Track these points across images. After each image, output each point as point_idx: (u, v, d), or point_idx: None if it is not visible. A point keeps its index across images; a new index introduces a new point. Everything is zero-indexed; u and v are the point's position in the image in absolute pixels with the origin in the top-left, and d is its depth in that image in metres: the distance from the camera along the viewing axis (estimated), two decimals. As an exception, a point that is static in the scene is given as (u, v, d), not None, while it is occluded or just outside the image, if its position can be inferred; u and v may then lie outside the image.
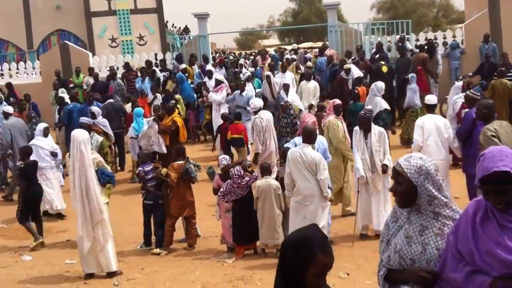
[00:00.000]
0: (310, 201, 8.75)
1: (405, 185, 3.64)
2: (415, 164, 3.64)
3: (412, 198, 3.66)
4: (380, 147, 9.71)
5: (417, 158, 3.68)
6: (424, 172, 3.61)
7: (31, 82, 23.31)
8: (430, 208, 3.65)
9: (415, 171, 3.62)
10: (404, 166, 3.66)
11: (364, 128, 9.76)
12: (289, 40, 64.44)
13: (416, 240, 3.67)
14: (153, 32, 28.09)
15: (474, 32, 21.58)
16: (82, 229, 8.67)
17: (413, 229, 3.70)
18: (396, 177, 3.71)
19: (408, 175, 3.62)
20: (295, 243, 3.05)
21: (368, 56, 21.59)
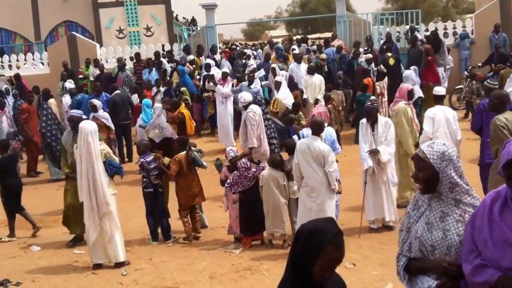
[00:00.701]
0: (317, 193, 8.71)
1: (427, 171, 3.63)
2: (438, 150, 3.63)
3: (434, 185, 3.64)
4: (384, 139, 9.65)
5: (440, 144, 3.68)
6: (446, 158, 3.60)
7: (39, 73, 23.35)
8: (451, 195, 3.64)
9: (438, 157, 3.61)
10: (427, 152, 3.65)
11: (371, 120, 9.71)
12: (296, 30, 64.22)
13: (437, 226, 3.66)
14: (160, 23, 28.06)
15: (484, 22, 21.45)
16: (88, 220, 8.70)
17: (434, 215, 3.69)
18: (418, 163, 3.70)
19: (431, 161, 3.61)
20: (309, 231, 3.05)
21: (377, 46, 21.47)
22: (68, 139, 10.34)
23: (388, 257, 8.60)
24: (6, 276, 8.76)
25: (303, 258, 3.03)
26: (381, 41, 22.07)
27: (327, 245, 2.97)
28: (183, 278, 8.44)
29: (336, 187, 8.81)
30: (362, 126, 9.86)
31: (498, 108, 8.21)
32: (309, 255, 3.01)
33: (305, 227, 3.12)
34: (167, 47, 24.32)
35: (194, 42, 24.24)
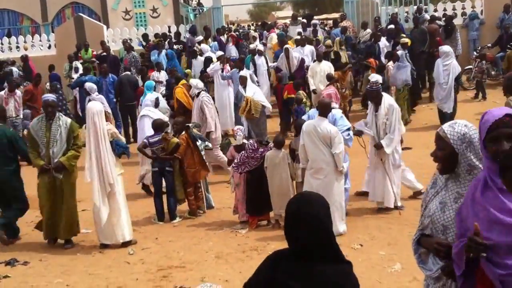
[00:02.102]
0: (324, 174, 8.71)
1: (446, 151, 3.58)
2: (459, 130, 3.56)
3: (452, 165, 3.60)
4: (387, 121, 9.59)
5: (462, 125, 3.59)
6: (467, 140, 3.53)
7: (46, 55, 23.27)
8: (468, 177, 3.57)
9: (458, 138, 3.54)
10: (447, 131, 3.58)
11: (374, 101, 9.66)
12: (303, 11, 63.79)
13: (450, 206, 3.61)
14: (166, 4, 27.91)
15: (494, 2, 21.16)
16: (99, 200, 8.71)
17: (448, 196, 3.64)
18: (438, 142, 3.64)
19: (451, 141, 3.55)
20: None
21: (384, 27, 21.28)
22: (39, 127, 9.05)
23: (396, 237, 8.59)
24: (13, 256, 8.81)
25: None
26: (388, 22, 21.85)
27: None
28: (189, 258, 8.47)
29: (344, 168, 8.79)
30: (370, 106, 9.94)
31: (508, 90, 8.22)
32: None
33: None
34: (173, 28, 24.20)
35: (200, 23, 24.09)
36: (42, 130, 9.00)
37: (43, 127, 9.02)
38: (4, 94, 16.15)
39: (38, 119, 9.30)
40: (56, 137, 8.96)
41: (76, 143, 9.10)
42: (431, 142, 3.88)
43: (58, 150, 8.94)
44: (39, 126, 9.05)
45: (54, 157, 8.92)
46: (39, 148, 9.05)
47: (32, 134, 9.14)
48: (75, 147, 9.06)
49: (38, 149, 9.08)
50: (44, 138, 8.98)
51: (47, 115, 9.01)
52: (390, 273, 7.48)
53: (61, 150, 8.96)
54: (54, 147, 8.94)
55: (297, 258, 2.99)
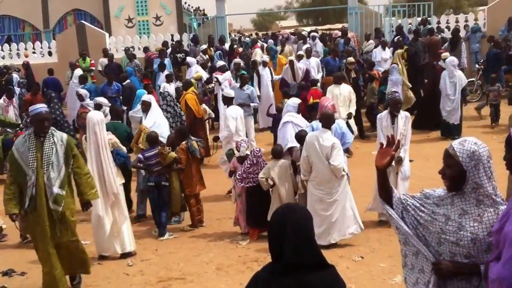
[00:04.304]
0: (327, 185, 8.67)
1: (454, 168, 3.57)
2: (468, 148, 3.55)
3: (460, 183, 3.58)
4: (404, 131, 9.52)
5: (471, 142, 3.58)
6: (476, 157, 3.52)
7: (47, 62, 23.24)
8: (473, 195, 3.58)
9: (467, 156, 3.53)
10: (457, 149, 3.57)
11: (395, 110, 9.51)
12: (307, 21, 64.06)
13: (454, 220, 3.62)
14: (169, 13, 27.93)
15: (497, 15, 21.20)
16: (102, 211, 8.59)
17: (454, 211, 3.65)
18: (447, 160, 3.63)
19: (460, 158, 3.54)
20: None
21: (388, 38, 21.30)
22: (26, 147, 7.18)
23: (397, 249, 8.35)
24: (11, 266, 8.74)
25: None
26: (392, 33, 21.87)
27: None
28: (190, 269, 8.40)
29: (344, 173, 8.73)
30: (382, 119, 9.67)
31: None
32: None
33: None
34: (176, 37, 24.18)
35: (203, 32, 24.08)
36: (31, 150, 7.14)
37: (32, 147, 7.16)
38: (4, 102, 16.11)
39: (23, 137, 7.35)
40: (50, 159, 7.17)
41: (78, 165, 7.49)
42: (432, 154, 3.86)
43: (55, 175, 7.17)
44: (27, 146, 7.18)
45: (51, 185, 7.15)
46: (25, 176, 7.15)
47: (16, 157, 7.21)
48: (79, 170, 7.49)
49: (22, 178, 7.19)
50: (34, 162, 7.10)
51: (41, 131, 7.21)
52: (390, 285, 7.46)
53: (59, 175, 7.21)
54: (50, 171, 7.14)
55: (283, 271, 3.04)
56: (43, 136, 7.19)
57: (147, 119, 11.54)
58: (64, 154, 7.28)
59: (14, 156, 7.22)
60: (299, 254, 3.00)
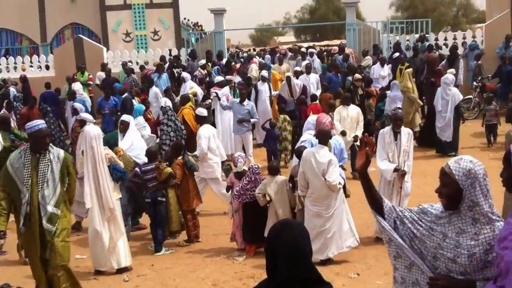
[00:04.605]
0: (324, 201, 8.64)
1: (451, 187, 3.57)
2: (464, 166, 3.55)
3: (457, 202, 3.58)
4: (407, 148, 9.52)
5: (467, 160, 3.59)
6: (472, 176, 3.53)
7: (44, 76, 23.23)
8: (469, 214, 3.58)
9: (463, 174, 3.54)
10: (453, 167, 3.58)
11: (398, 127, 9.48)
12: (305, 37, 64.28)
13: (452, 238, 3.62)
14: (167, 27, 27.97)
15: (495, 32, 21.25)
16: (99, 225, 8.54)
17: (451, 229, 3.64)
18: (443, 178, 3.63)
19: (456, 177, 3.55)
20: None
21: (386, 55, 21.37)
22: (22, 164, 7.03)
23: (393, 267, 8.46)
24: (6, 281, 8.65)
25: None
26: (390, 50, 21.94)
27: None
28: (186, 285, 8.36)
29: (340, 187, 8.69)
30: (384, 135, 9.61)
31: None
32: None
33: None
34: (174, 51, 24.21)
35: (201, 47, 24.11)
36: (26, 167, 6.99)
37: (27, 164, 7.00)
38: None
39: (19, 152, 7.17)
40: (46, 176, 7.01)
41: (70, 182, 7.30)
42: (429, 171, 3.86)
43: (50, 193, 7.01)
44: (22, 162, 7.02)
45: (45, 204, 6.99)
46: (19, 193, 7.00)
47: (10, 172, 7.07)
48: (70, 188, 7.33)
49: (16, 195, 7.05)
50: (29, 179, 6.95)
51: (41, 148, 7.05)
52: (387, 303, 7.39)
53: (54, 194, 7.05)
54: (45, 189, 6.97)
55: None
56: (40, 153, 7.03)
57: (124, 140, 10.84)
58: (60, 171, 7.11)
59: (8, 172, 7.06)
60: (294, 271, 2.97)
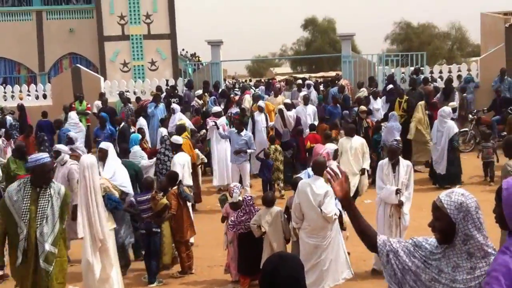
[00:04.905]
0: (319, 233, 8.56)
1: (443, 221, 3.55)
2: (456, 200, 3.54)
3: (450, 235, 3.56)
4: (406, 180, 9.48)
5: (458, 194, 3.58)
6: (464, 209, 3.51)
7: (42, 105, 23.26)
8: (464, 248, 3.54)
9: (455, 208, 3.52)
10: (444, 201, 3.56)
11: (395, 160, 9.50)
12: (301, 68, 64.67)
13: (448, 273, 3.59)
14: (165, 58, 28.14)
15: (490, 66, 21.39)
16: (91, 256, 8.45)
17: (446, 264, 3.61)
18: (435, 212, 3.61)
19: (448, 211, 3.53)
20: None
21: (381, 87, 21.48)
22: (20, 197, 6.70)
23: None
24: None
25: None
26: (385, 82, 22.02)
27: None
28: (179, 318, 8.23)
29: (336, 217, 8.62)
30: (382, 167, 9.64)
31: (507, 154, 8.24)
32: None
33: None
34: (171, 82, 24.28)
35: (198, 77, 24.19)
36: (25, 201, 6.65)
37: (27, 198, 6.66)
38: (2, 143, 16.09)
39: (18, 184, 6.81)
40: (46, 212, 6.70)
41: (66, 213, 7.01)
42: (425, 203, 3.83)
43: (49, 231, 6.70)
44: (21, 195, 6.68)
45: (43, 241, 6.68)
46: (16, 227, 6.68)
47: (8, 205, 6.72)
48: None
49: (13, 229, 6.73)
50: (27, 214, 6.62)
51: (44, 183, 6.76)
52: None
53: (53, 231, 6.75)
54: (43, 225, 6.66)
55: None
56: (41, 187, 6.73)
57: (106, 169, 10.11)
58: (60, 208, 6.83)
59: (6, 204, 6.72)
60: None
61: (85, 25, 29.53)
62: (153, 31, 28.64)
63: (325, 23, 62.01)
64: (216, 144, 15.95)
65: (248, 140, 14.76)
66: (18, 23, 29.90)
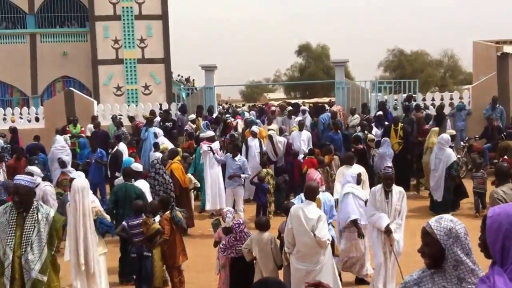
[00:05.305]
0: (311, 259, 8.49)
1: (433, 246, 3.59)
2: (445, 226, 3.59)
3: (439, 261, 3.59)
4: (399, 207, 9.44)
5: (448, 220, 3.63)
6: (453, 235, 3.55)
7: (34, 128, 23.18)
8: (455, 273, 3.57)
9: (445, 233, 3.56)
10: (434, 227, 3.61)
11: (388, 186, 9.45)
12: (295, 94, 64.87)
13: None
14: (159, 82, 28.21)
15: (482, 94, 21.50)
16: (74, 280, 8.38)
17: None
18: (424, 238, 3.66)
19: (437, 236, 3.57)
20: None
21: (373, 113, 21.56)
22: (6, 221, 6.35)
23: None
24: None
25: None
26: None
27: None
28: None
29: (329, 243, 8.58)
30: (375, 194, 9.56)
31: (500, 180, 8.23)
32: None
33: None
34: (165, 106, 24.29)
35: (192, 102, 24.21)
36: (11, 225, 6.29)
37: (12, 222, 6.31)
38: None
39: (4, 208, 6.43)
40: (30, 239, 6.28)
41: (56, 235, 6.55)
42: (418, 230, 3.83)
43: (35, 258, 6.27)
44: (6, 219, 6.32)
45: (29, 269, 6.26)
46: (4, 253, 6.28)
47: None
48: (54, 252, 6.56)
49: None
50: (12, 239, 6.26)
51: (22, 206, 6.34)
52: None
53: (40, 258, 6.31)
54: (29, 253, 6.24)
55: None
56: (25, 210, 6.33)
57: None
58: (47, 233, 6.38)
59: None
60: None
61: (79, 49, 29.62)
62: (147, 55, 28.74)
63: (319, 49, 62.38)
64: (208, 169, 15.92)
65: (242, 165, 14.80)
66: (12, 46, 29.99)
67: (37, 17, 31.23)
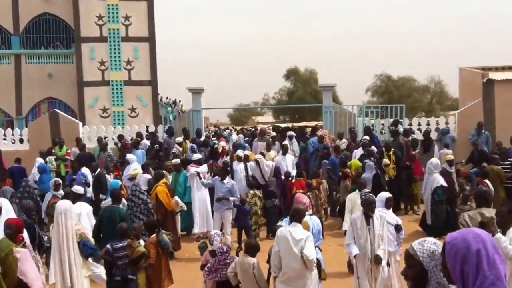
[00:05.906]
0: (297, 282, 8.38)
1: (416, 268, 3.59)
2: (428, 248, 3.59)
3: (422, 283, 3.59)
4: (381, 231, 9.30)
5: (431, 242, 3.64)
6: (436, 257, 3.54)
7: (18, 149, 22.97)
8: None
9: (428, 255, 3.57)
10: (417, 249, 3.61)
11: (370, 212, 9.27)
12: (283, 118, 65.02)
13: None
14: (145, 104, 28.12)
15: (467, 120, 21.60)
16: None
17: None
18: (408, 260, 3.66)
19: (420, 258, 3.57)
20: None
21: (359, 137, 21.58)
22: None
23: None
24: None
25: None
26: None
27: None
28: None
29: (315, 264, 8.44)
30: (355, 221, 9.36)
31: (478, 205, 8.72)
32: None
33: None
34: (152, 128, 24.16)
35: (179, 124, 24.10)
36: None
37: None
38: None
39: None
40: None
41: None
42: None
43: None
44: None
45: None
46: None
47: None
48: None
49: None
50: None
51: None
52: None
53: None
54: None
55: None
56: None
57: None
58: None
59: None
60: None
61: (64, 70, 29.52)
62: (134, 77, 28.69)
63: (307, 73, 62.82)
64: (196, 192, 15.78)
65: (231, 187, 14.72)
66: (-3, 66, 29.81)
67: (22, 38, 31.12)
